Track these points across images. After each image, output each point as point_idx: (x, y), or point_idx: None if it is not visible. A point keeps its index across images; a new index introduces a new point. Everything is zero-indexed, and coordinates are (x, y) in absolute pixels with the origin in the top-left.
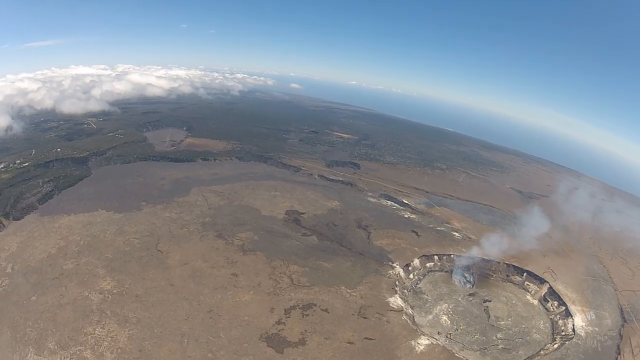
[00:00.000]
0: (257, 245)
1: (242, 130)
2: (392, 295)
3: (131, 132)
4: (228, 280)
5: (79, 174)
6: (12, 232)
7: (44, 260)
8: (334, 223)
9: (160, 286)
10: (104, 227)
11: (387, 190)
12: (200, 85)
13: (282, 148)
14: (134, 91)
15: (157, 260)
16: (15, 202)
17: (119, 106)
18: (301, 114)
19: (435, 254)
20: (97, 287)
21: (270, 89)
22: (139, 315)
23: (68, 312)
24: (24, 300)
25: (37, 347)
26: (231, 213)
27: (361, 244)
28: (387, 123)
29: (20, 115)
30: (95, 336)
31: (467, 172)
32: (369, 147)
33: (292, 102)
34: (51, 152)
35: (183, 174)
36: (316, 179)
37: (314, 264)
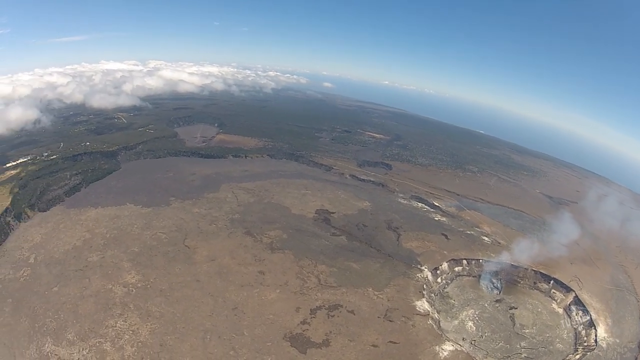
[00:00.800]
0: (285, 243)
1: (274, 128)
2: (419, 298)
3: (162, 127)
4: (255, 278)
5: (108, 168)
6: (37, 223)
7: (68, 252)
8: (364, 224)
9: (185, 282)
10: (131, 220)
11: (418, 192)
12: (233, 83)
13: (314, 147)
14: (165, 87)
15: (183, 256)
16: (42, 194)
17: (150, 102)
18: (333, 113)
19: (464, 258)
20: (121, 281)
21: (303, 87)
22: (162, 310)
23: (90, 304)
24: (45, 291)
25: (56, 337)
26: (261, 210)
27: (390, 245)
28: (419, 124)
29: (49, 109)
30: (117, 329)
31: (498, 176)
32: (401, 147)
33: (325, 101)
34: (80, 146)
35: (213, 170)
36: (347, 178)
37: (342, 264)
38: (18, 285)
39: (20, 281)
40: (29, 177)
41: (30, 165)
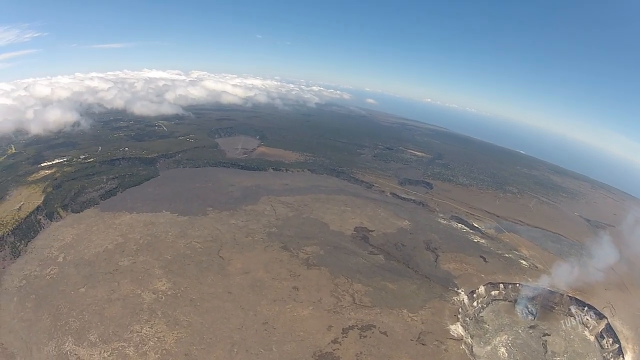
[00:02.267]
0: (322, 260)
1: (316, 143)
2: (454, 322)
3: (203, 137)
4: (288, 294)
5: (146, 174)
6: (69, 224)
7: (99, 255)
8: (402, 243)
9: (217, 293)
10: (166, 228)
11: (459, 213)
12: (276, 96)
13: (355, 163)
14: (208, 97)
15: (217, 267)
16: (76, 195)
17: (192, 111)
18: (376, 130)
19: (501, 282)
20: (151, 287)
21: (346, 103)
22: (190, 320)
23: (117, 307)
24: (72, 291)
25: (78, 337)
26: (299, 225)
27: (428, 266)
28: (460, 143)
29: (88, 113)
30: (142, 335)
31: (537, 197)
32: (443, 166)
33: (367, 117)
34: (118, 151)
35: (253, 182)
36: (388, 196)
37: (378, 284)
38: (43, 283)
39: (47, 279)
40: (64, 178)
41: (66, 167)
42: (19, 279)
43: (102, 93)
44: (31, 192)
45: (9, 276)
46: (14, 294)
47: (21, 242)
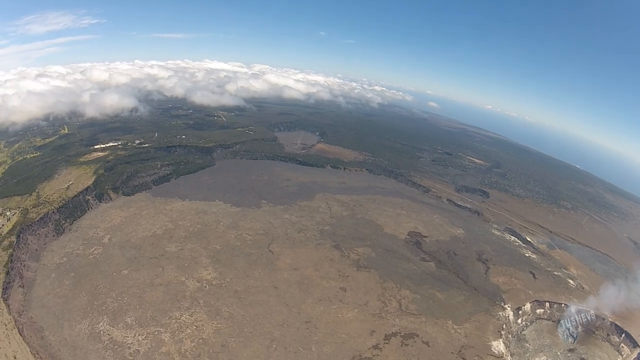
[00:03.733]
0: (373, 262)
1: (376, 143)
2: (496, 339)
3: (262, 130)
4: (335, 294)
5: (202, 163)
6: (119, 206)
7: (146, 239)
8: (454, 252)
9: (263, 287)
10: (217, 218)
11: (512, 225)
12: (339, 93)
13: (414, 166)
14: (270, 91)
15: (266, 260)
16: (128, 179)
17: (254, 104)
18: (436, 134)
19: (548, 300)
20: (196, 275)
21: (409, 104)
22: (232, 311)
23: (158, 292)
24: (114, 272)
25: (113, 318)
26: (353, 225)
27: (478, 278)
28: (518, 152)
29: (147, 99)
30: (180, 322)
31: (590, 215)
32: (500, 176)
33: (429, 121)
34: (175, 138)
35: (310, 179)
36: (444, 202)
37: (426, 292)
38: (85, 262)
39: (89, 258)
40: (117, 161)
41: (120, 150)
42: (60, 256)
43: (162, 81)
44: (81, 173)
45: (50, 253)
46: (52, 270)
47: (66, 221)
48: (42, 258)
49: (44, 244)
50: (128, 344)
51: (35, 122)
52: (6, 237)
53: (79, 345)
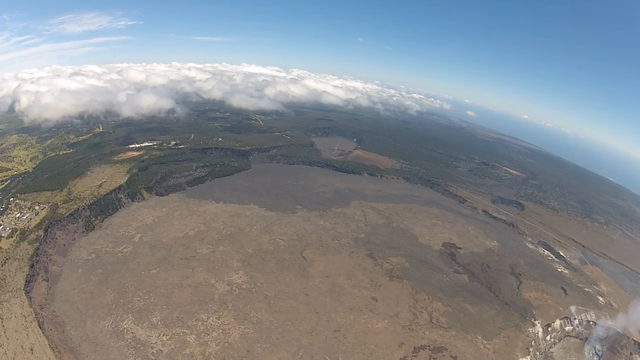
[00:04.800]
0: (406, 272)
1: (413, 151)
2: (524, 355)
3: (299, 135)
4: (366, 304)
5: (237, 166)
6: (151, 206)
7: (178, 239)
8: (488, 265)
9: (293, 293)
10: (251, 221)
11: (546, 238)
12: (377, 100)
13: (451, 175)
14: (309, 96)
15: (298, 266)
16: (162, 179)
17: (292, 108)
18: (473, 143)
19: (577, 317)
20: (226, 278)
21: (446, 113)
22: (261, 316)
23: (186, 294)
24: (142, 271)
25: (139, 317)
26: (387, 234)
27: (510, 292)
28: (554, 164)
29: (185, 101)
30: (207, 324)
31: (622, 230)
32: (535, 187)
33: (466, 130)
34: (211, 140)
35: (346, 185)
36: (479, 213)
37: (458, 305)
38: (114, 259)
39: (118, 256)
40: (152, 161)
41: (156, 150)
42: (88, 252)
43: (200, 83)
44: (115, 171)
45: (78, 248)
46: (79, 266)
47: (97, 218)
48: (69, 253)
49: (73, 239)
50: (151, 344)
51: (69, 119)
52: (33, 230)
53: (100, 341)
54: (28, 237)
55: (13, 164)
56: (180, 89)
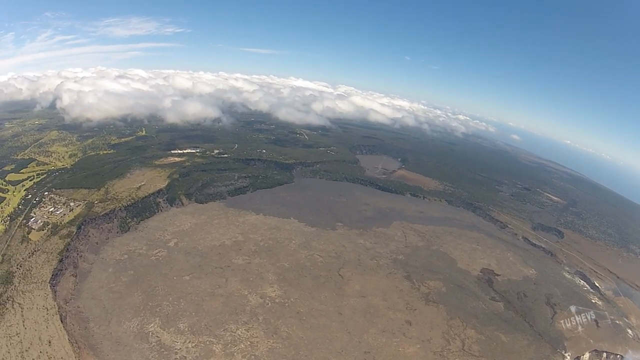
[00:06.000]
0: (442, 297)
1: (457, 174)
2: None
3: (344, 151)
4: (399, 327)
5: (280, 179)
6: (190, 212)
7: (214, 248)
8: (525, 293)
9: (327, 311)
10: (290, 235)
11: (583, 268)
12: (424, 120)
13: (493, 200)
14: (356, 113)
15: (334, 284)
16: (203, 187)
17: (339, 124)
18: (516, 167)
19: (606, 351)
20: (260, 291)
21: (491, 136)
22: (291, 332)
23: (217, 303)
24: (175, 276)
25: (166, 321)
26: (427, 257)
27: (543, 323)
28: (593, 191)
29: (231, 111)
30: (235, 335)
31: None
32: (575, 215)
33: (510, 154)
34: (255, 151)
35: (388, 205)
36: (519, 240)
37: (491, 333)
38: (146, 262)
39: (151, 259)
40: (194, 167)
41: (198, 158)
42: (121, 253)
43: (247, 94)
44: (155, 175)
45: (111, 248)
46: (110, 265)
47: (133, 220)
48: (101, 252)
49: (106, 238)
50: (176, 349)
51: (112, 121)
52: (66, 226)
53: (123, 341)
54: (60, 232)
55: (51, 159)
56: (227, 99)
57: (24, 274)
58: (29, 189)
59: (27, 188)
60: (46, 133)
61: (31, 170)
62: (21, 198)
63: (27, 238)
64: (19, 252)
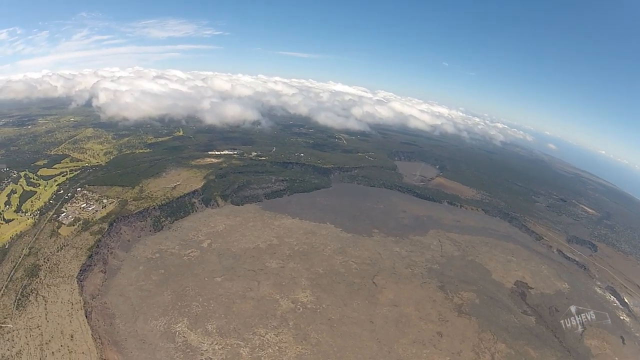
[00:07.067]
0: (475, 309)
1: (494, 183)
2: None
3: (382, 157)
4: (430, 338)
5: (317, 183)
6: (225, 214)
7: (248, 250)
8: (556, 308)
9: (358, 319)
10: (326, 240)
11: (614, 283)
12: (463, 128)
13: (529, 210)
14: (395, 119)
15: (367, 292)
16: (239, 189)
17: (378, 130)
18: (552, 178)
19: None
20: (292, 295)
21: (529, 145)
22: (321, 339)
23: (248, 306)
24: (206, 277)
25: (194, 322)
26: (462, 267)
27: (573, 339)
28: (627, 203)
29: (270, 114)
30: (264, 339)
31: None
32: (609, 228)
33: (546, 164)
34: (293, 155)
35: (425, 212)
36: (554, 253)
37: (521, 348)
38: (178, 262)
39: (183, 259)
40: (230, 169)
41: (235, 160)
42: (152, 252)
43: (286, 98)
44: (191, 175)
45: (143, 246)
46: (140, 263)
47: (167, 219)
48: (132, 250)
49: (139, 237)
50: (202, 350)
51: (149, 121)
52: (97, 222)
53: (149, 340)
54: (91, 228)
55: (85, 155)
56: (266, 102)
57: (50, 267)
58: (61, 185)
59: (59, 183)
60: (81, 130)
61: (64, 166)
62: (52, 193)
63: (56, 232)
64: (47, 246)
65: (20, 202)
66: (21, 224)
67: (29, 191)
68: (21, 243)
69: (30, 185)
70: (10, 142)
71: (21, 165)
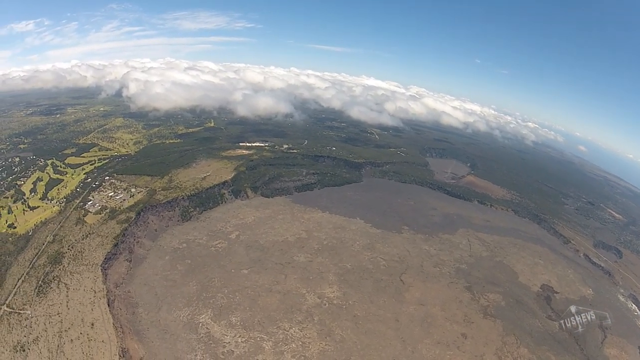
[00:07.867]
0: (500, 312)
1: (525, 183)
2: None
3: (414, 153)
4: (454, 339)
5: (348, 178)
6: (254, 206)
7: (276, 243)
8: None
9: (384, 317)
10: (355, 236)
11: (637, 291)
12: (495, 126)
13: (558, 213)
14: (428, 115)
15: (394, 290)
16: (270, 181)
17: (411, 126)
18: (581, 180)
19: None
20: (318, 290)
21: (560, 146)
22: (345, 335)
23: (273, 299)
24: (233, 269)
25: (218, 314)
26: (489, 268)
27: (593, 347)
28: None
29: (303, 107)
30: (288, 334)
31: None
32: (635, 235)
33: (576, 166)
34: (325, 149)
35: (455, 211)
36: (580, 257)
37: (543, 354)
38: (205, 252)
39: (211, 250)
40: (261, 161)
41: (266, 152)
42: (179, 242)
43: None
44: (221, 167)
45: (170, 236)
46: (167, 253)
47: (195, 209)
48: (159, 239)
49: (166, 226)
50: (224, 343)
51: (180, 111)
52: (125, 211)
53: (171, 330)
54: (117, 217)
55: (114, 145)
56: (299, 95)
57: (74, 255)
58: (89, 173)
59: (87, 172)
60: (111, 120)
61: (93, 154)
62: (80, 181)
63: (82, 220)
64: (72, 234)
65: (47, 189)
66: (46, 211)
67: (56, 179)
68: (45, 230)
69: (58, 174)
70: (38, 130)
71: (48, 153)
